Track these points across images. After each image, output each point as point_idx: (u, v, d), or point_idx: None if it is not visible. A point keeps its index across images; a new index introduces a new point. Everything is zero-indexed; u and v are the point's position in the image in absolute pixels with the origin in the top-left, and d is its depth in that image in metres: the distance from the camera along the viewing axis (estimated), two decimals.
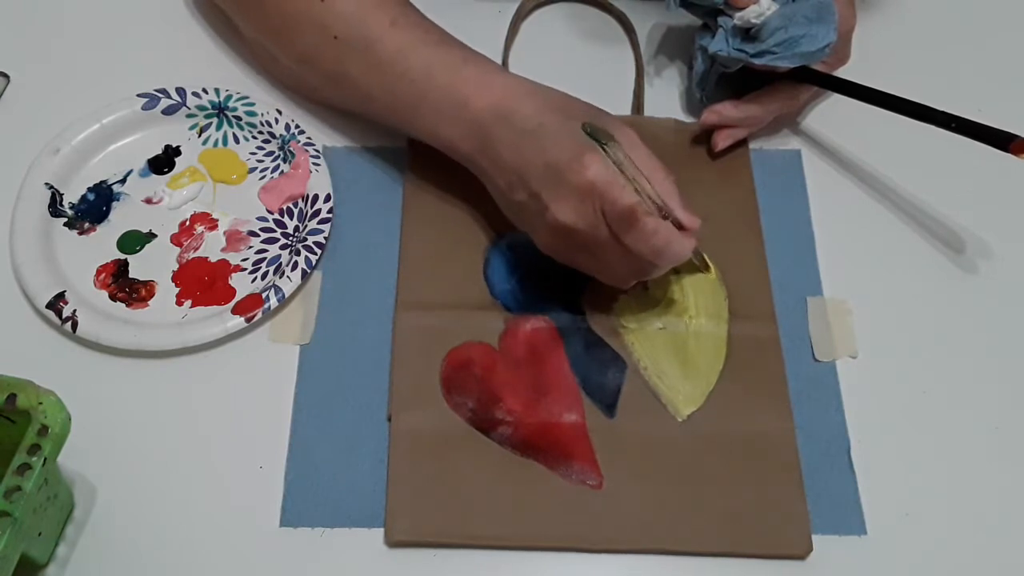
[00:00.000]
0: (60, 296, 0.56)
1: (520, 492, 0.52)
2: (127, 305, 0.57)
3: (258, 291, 0.57)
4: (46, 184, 0.60)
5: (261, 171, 0.63)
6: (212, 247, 0.60)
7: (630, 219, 0.49)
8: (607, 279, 0.55)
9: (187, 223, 0.61)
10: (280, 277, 0.57)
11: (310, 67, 0.59)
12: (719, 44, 0.60)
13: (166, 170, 0.63)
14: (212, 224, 0.61)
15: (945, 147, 0.59)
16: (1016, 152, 0.55)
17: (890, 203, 0.64)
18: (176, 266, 0.59)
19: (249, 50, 0.66)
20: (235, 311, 0.56)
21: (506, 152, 0.52)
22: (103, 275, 0.59)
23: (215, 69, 0.67)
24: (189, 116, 0.64)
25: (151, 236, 0.60)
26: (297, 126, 0.63)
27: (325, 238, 0.59)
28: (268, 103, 0.64)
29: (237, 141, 0.64)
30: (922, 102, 0.58)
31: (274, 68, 0.64)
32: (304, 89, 0.63)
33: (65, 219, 0.60)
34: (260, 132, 0.63)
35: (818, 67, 0.62)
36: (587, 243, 0.51)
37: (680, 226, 0.51)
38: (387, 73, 0.55)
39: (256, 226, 0.61)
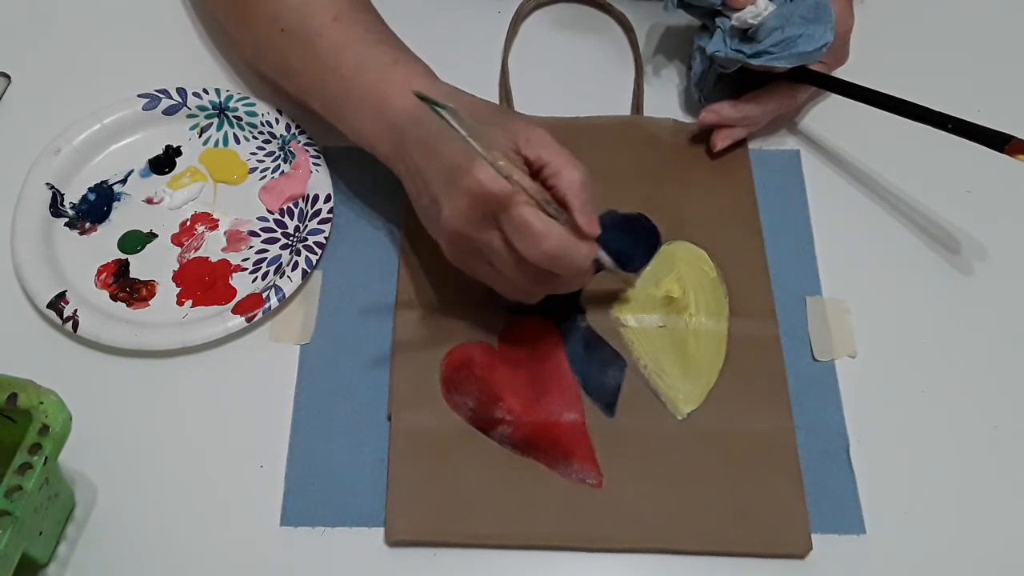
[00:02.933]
0: (61, 296, 0.56)
1: (520, 491, 0.52)
2: (128, 305, 0.58)
3: (258, 291, 0.57)
4: (47, 184, 0.60)
5: (261, 171, 0.63)
6: (213, 247, 0.60)
7: (521, 222, 0.47)
8: (510, 292, 0.53)
9: (188, 223, 0.61)
10: (280, 277, 0.58)
11: (262, 58, 0.60)
12: (717, 44, 0.60)
13: (167, 170, 0.63)
14: (213, 224, 0.61)
15: (943, 147, 0.59)
16: (1012, 153, 0.55)
17: (888, 203, 0.64)
18: (177, 266, 0.59)
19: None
20: (236, 311, 0.56)
21: (417, 155, 0.52)
22: (104, 275, 0.59)
23: (216, 69, 0.67)
24: (190, 116, 0.64)
25: (152, 236, 0.60)
26: (297, 126, 0.63)
27: (325, 238, 0.59)
28: (268, 103, 0.64)
29: (238, 141, 0.64)
30: (920, 103, 0.58)
31: (244, 58, 0.65)
32: (268, 80, 0.64)
33: (66, 219, 0.60)
34: (260, 132, 0.64)
35: (816, 67, 0.62)
36: (482, 251, 0.50)
37: (579, 231, 0.48)
38: (321, 68, 0.56)
39: (256, 226, 0.61)
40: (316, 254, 0.58)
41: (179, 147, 0.63)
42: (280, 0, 0.57)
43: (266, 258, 0.59)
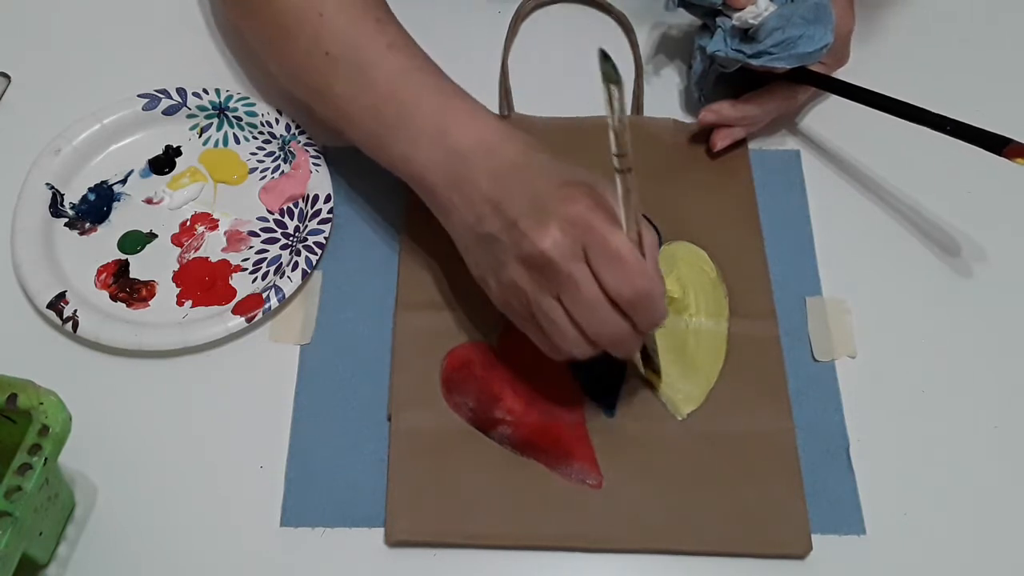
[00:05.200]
0: (61, 296, 0.56)
1: (520, 491, 0.52)
2: (128, 305, 0.58)
3: (258, 291, 0.57)
4: (47, 184, 0.60)
5: (261, 171, 0.63)
6: (213, 247, 0.60)
7: (617, 254, 0.46)
8: (561, 341, 0.49)
9: (188, 223, 0.61)
10: (280, 277, 0.58)
11: (298, 80, 0.58)
12: (717, 44, 0.60)
13: (167, 170, 0.63)
14: (213, 224, 0.61)
15: (943, 148, 0.59)
16: (1010, 156, 0.55)
17: (888, 204, 0.64)
18: (177, 266, 0.59)
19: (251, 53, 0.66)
20: (235, 311, 0.56)
21: (485, 183, 0.50)
22: (104, 275, 0.59)
23: (215, 69, 0.67)
24: (190, 116, 0.64)
25: (152, 236, 0.60)
26: (297, 126, 0.63)
27: (325, 238, 0.59)
28: (268, 103, 0.64)
29: (238, 141, 0.64)
30: (920, 103, 0.58)
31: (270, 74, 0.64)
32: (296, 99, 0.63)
33: (66, 219, 0.60)
34: (260, 132, 0.64)
35: (817, 68, 0.62)
36: (559, 282, 0.47)
37: None
38: (374, 94, 0.54)
39: (256, 226, 0.61)
40: (316, 254, 0.58)
41: (179, 147, 0.63)
42: (325, 24, 0.55)
43: (266, 258, 0.59)
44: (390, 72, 0.54)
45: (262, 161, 0.63)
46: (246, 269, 0.59)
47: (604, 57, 0.40)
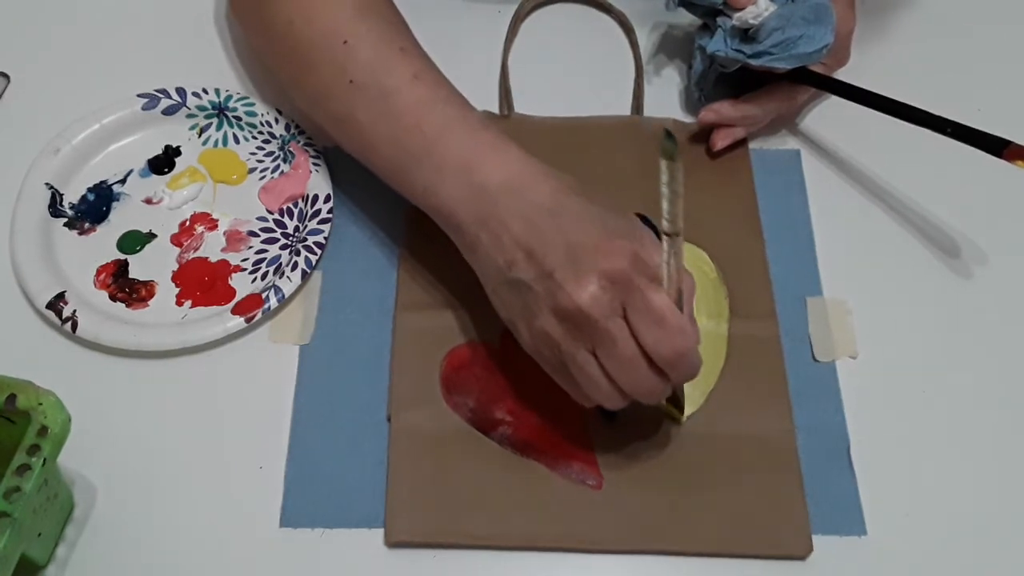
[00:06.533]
0: (60, 296, 0.56)
1: (520, 492, 0.52)
2: (127, 305, 0.58)
3: (258, 291, 0.57)
4: (46, 184, 0.60)
5: (261, 171, 0.63)
6: (212, 247, 0.60)
7: (660, 315, 0.45)
8: (593, 392, 0.49)
9: (187, 223, 0.61)
10: (280, 277, 0.58)
11: (319, 107, 0.57)
12: (717, 44, 0.60)
13: (166, 170, 0.63)
14: (212, 224, 0.61)
15: (943, 148, 0.59)
16: (1009, 158, 0.55)
17: (888, 204, 0.64)
18: (176, 266, 0.59)
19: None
20: (235, 311, 0.56)
21: (517, 226, 0.49)
22: (103, 275, 0.59)
23: (215, 69, 0.67)
24: (189, 116, 0.64)
25: (151, 236, 0.60)
26: (297, 126, 0.63)
27: (325, 238, 0.59)
28: (268, 104, 0.64)
29: (237, 141, 0.64)
30: (920, 105, 0.58)
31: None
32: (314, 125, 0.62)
33: (65, 219, 0.60)
34: (260, 132, 0.64)
35: (817, 68, 0.62)
36: (595, 337, 0.46)
37: None
38: (398, 124, 0.53)
39: (256, 226, 0.61)
40: (316, 254, 0.58)
41: (178, 147, 0.63)
42: (350, 52, 0.54)
43: (265, 258, 0.59)
44: (415, 102, 0.53)
45: (262, 161, 0.63)
46: (245, 269, 0.59)
47: (668, 136, 0.41)
